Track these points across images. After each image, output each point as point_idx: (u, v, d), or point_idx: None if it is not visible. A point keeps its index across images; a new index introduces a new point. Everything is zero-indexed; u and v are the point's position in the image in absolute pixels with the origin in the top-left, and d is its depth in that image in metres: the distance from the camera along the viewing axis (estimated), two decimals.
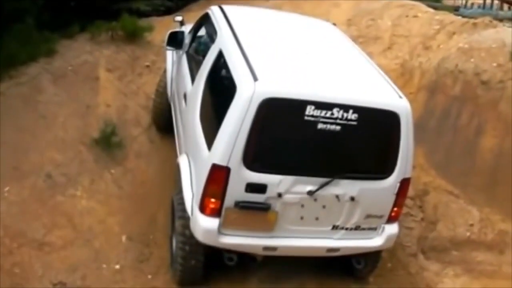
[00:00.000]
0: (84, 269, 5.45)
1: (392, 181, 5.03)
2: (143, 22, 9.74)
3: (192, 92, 5.77)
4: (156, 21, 10.21)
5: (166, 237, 5.87)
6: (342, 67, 5.55)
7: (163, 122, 7.37)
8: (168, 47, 6.90)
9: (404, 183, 5.12)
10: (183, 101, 6.09)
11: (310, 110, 4.60)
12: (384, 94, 5.06)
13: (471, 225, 6.76)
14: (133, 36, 9.19)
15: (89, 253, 5.64)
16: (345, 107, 4.66)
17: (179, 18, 7.34)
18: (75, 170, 6.51)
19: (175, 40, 6.76)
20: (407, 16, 10.32)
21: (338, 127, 4.69)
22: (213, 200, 4.73)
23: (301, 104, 4.60)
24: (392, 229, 5.30)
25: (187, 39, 6.79)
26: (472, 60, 8.02)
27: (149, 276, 5.54)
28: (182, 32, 6.85)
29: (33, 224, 5.73)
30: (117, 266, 5.57)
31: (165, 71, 7.48)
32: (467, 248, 6.54)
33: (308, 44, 5.95)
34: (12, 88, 7.32)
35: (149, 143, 7.38)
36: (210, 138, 4.83)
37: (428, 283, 6.03)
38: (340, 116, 4.66)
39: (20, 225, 5.68)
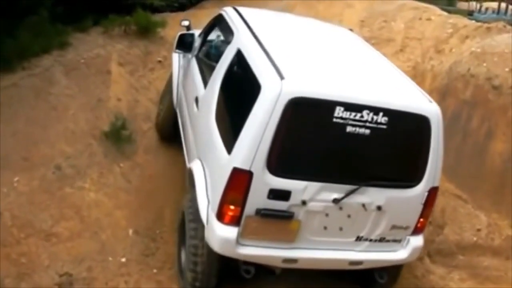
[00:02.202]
0: (90, 261, 5.46)
1: (420, 190, 4.74)
2: (157, 17, 9.80)
3: (205, 95, 5.49)
4: (169, 17, 10.24)
5: (172, 232, 5.87)
6: (368, 70, 5.32)
7: (168, 130, 7.16)
8: (177, 50, 6.69)
9: (432, 192, 4.81)
10: (194, 106, 5.76)
11: (339, 111, 4.31)
12: (414, 98, 4.80)
13: (479, 230, 6.73)
14: (146, 31, 9.23)
15: (95, 245, 5.66)
16: (375, 110, 4.39)
17: (186, 23, 7.02)
18: (84, 162, 6.54)
19: (184, 43, 6.56)
20: (420, 18, 10.29)
21: (367, 131, 4.40)
22: (232, 207, 4.41)
23: (330, 105, 4.31)
24: (417, 241, 4.99)
25: (197, 42, 6.58)
26: (484, 64, 7.97)
27: (155, 270, 5.54)
28: (192, 34, 6.66)
29: (41, 215, 5.76)
30: (123, 259, 5.58)
31: (170, 77, 7.26)
32: (473, 253, 6.52)
33: (329, 47, 5.77)
34: (24, 80, 7.38)
35: (159, 138, 7.38)
36: (229, 141, 4.53)
37: (433, 287, 6.01)
38: (369, 119, 4.39)
39: (28, 216, 5.71)
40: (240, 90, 4.97)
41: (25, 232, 5.55)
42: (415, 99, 4.77)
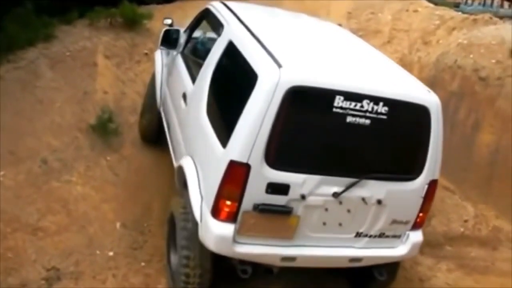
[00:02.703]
0: (77, 255, 5.42)
1: (420, 183, 4.62)
2: (143, 9, 9.73)
3: (194, 90, 5.31)
4: (156, 9, 10.18)
5: (160, 225, 5.85)
6: (363, 61, 5.21)
7: (152, 133, 6.95)
8: (162, 47, 6.49)
9: (432, 185, 4.70)
10: (181, 102, 5.56)
11: (339, 101, 4.16)
12: (413, 88, 4.68)
13: (466, 221, 6.78)
14: (132, 23, 9.17)
15: (83, 239, 5.62)
16: (375, 99, 4.25)
17: (168, 21, 6.70)
18: (70, 156, 6.50)
19: (169, 40, 6.35)
20: (407, 10, 10.33)
21: (367, 121, 4.26)
22: (228, 202, 4.22)
23: (330, 94, 4.16)
24: (417, 236, 4.86)
25: (182, 38, 6.39)
26: (471, 56, 8.01)
27: (143, 264, 5.52)
28: (177, 30, 6.44)
29: (28, 209, 5.71)
30: (111, 253, 5.55)
31: (152, 78, 7.01)
32: (461, 244, 6.56)
33: (322, 39, 5.67)
34: (10, 72, 7.31)
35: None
36: (224, 134, 4.35)
37: (421, 277, 6.03)
38: (370, 109, 4.24)
39: (14, 210, 5.66)
40: (233, 81, 4.85)
41: (11, 227, 5.49)
42: (414, 89, 4.66)
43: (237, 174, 4.18)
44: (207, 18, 6.16)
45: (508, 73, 7.52)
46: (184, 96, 5.53)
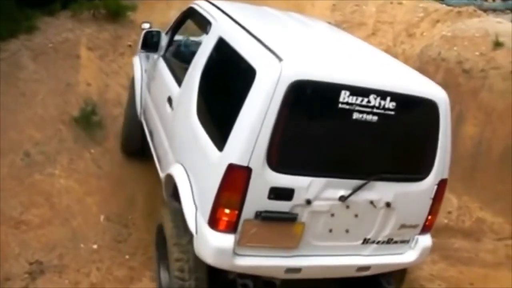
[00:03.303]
0: (61, 248, 5.38)
1: (429, 183, 4.33)
2: (126, 1, 9.63)
3: (182, 93, 4.95)
4: (140, 1, 10.08)
5: (144, 218, 5.85)
6: (364, 56, 4.92)
7: (136, 145, 6.53)
8: (142, 50, 6.13)
9: (442, 185, 4.41)
10: (166, 107, 5.18)
11: (344, 96, 3.85)
12: (419, 82, 4.41)
13: (450, 212, 6.81)
14: (116, 15, 9.10)
15: (66, 232, 5.58)
16: (382, 94, 3.95)
17: (146, 26, 6.30)
18: (54, 148, 6.44)
19: (150, 42, 5.96)
20: (391, 2, 10.35)
21: (375, 118, 3.96)
22: (227, 211, 3.86)
23: (335, 89, 3.85)
24: (426, 241, 4.57)
25: (163, 41, 6.01)
26: (455, 48, 8.06)
27: (127, 257, 5.50)
28: (158, 32, 6.03)
29: (10, 202, 5.65)
30: (95, 246, 5.52)
31: (132, 87, 6.63)
32: (444, 235, 6.58)
33: (318, 35, 5.38)
34: None
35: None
36: (219, 137, 4.02)
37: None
38: (377, 105, 3.95)
39: None
40: (227, 79, 4.55)
41: None
42: (421, 83, 4.41)
43: (236, 179, 3.83)
44: (192, 17, 5.88)
45: (491, 66, 7.58)
46: (170, 100, 5.16)
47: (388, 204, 4.22)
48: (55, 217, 5.71)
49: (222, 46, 4.62)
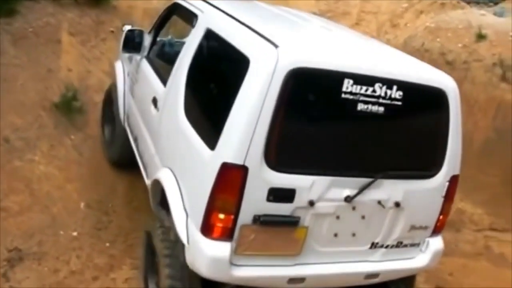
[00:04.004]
0: (40, 235, 5.33)
1: (440, 180, 4.03)
2: None
3: (167, 92, 4.60)
4: None
5: (125, 205, 5.81)
6: (363, 45, 4.62)
7: (125, 154, 5.93)
8: (124, 51, 5.77)
9: (453, 182, 4.10)
10: (151, 108, 4.84)
11: (348, 85, 3.53)
12: (426, 70, 4.12)
13: None
14: (98, 0, 8.97)
15: (46, 219, 5.53)
16: (388, 83, 3.65)
17: (128, 27, 5.90)
18: (34, 134, 6.35)
19: (132, 43, 5.60)
20: None
21: (381, 108, 3.65)
22: (222, 216, 3.50)
23: (337, 78, 3.53)
24: (437, 243, 4.26)
25: (147, 41, 5.67)
26: (438, 39, 8.09)
27: (107, 244, 5.47)
28: (141, 32, 5.68)
29: None
30: (75, 233, 5.48)
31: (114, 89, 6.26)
32: None
33: (312, 25, 5.05)
34: None
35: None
36: (211, 135, 3.66)
37: None
38: (383, 94, 3.64)
39: None
40: (216, 72, 4.27)
41: None
42: (428, 71, 4.12)
43: (231, 179, 3.48)
44: (176, 12, 5.57)
45: (474, 58, 7.63)
46: (155, 100, 4.81)
47: (397, 204, 3.91)
48: (35, 204, 5.65)
49: (210, 38, 4.32)
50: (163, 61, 5.37)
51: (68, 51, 7.74)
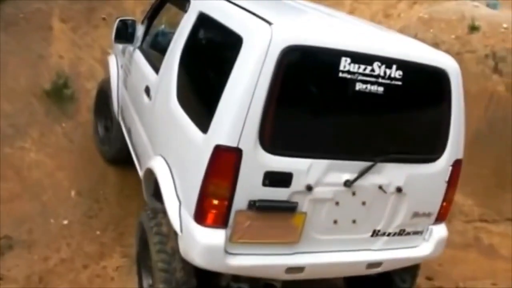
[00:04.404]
0: (30, 223, 5.31)
1: (443, 164, 3.92)
2: None
3: (160, 79, 4.51)
4: None
5: (116, 193, 5.79)
6: (361, 24, 4.50)
7: (122, 149, 5.75)
8: (117, 42, 5.69)
9: (457, 167, 3.99)
10: (144, 97, 4.74)
11: (345, 64, 3.42)
12: (426, 49, 4.03)
13: None
14: None
15: (36, 207, 5.51)
16: (387, 61, 3.54)
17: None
18: (24, 121, 6.31)
19: (125, 33, 5.50)
20: None
21: (380, 88, 3.54)
22: (216, 201, 3.39)
23: (334, 56, 3.43)
24: (441, 231, 4.17)
25: (139, 31, 5.57)
26: (431, 30, 8.08)
27: (98, 232, 5.46)
28: (134, 22, 5.57)
29: None
30: (65, 221, 5.46)
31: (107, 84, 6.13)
32: None
33: (305, 6, 4.85)
34: None
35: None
36: (203, 118, 3.55)
37: None
38: (382, 74, 3.53)
39: None
40: (209, 55, 4.17)
41: None
42: (428, 51, 4.02)
43: (225, 162, 3.36)
44: (167, 1, 5.53)
45: (466, 49, 7.62)
46: (147, 89, 4.72)
47: (399, 189, 3.79)
48: (25, 191, 5.62)
49: (203, 21, 4.23)
50: (156, 51, 5.25)
51: (59, 38, 7.67)
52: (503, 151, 7.19)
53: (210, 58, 4.12)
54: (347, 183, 3.61)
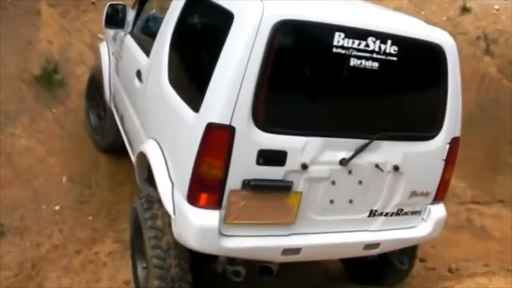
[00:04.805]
0: (22, 210, 5.29)
1: (441, 142, 3.86)
2: None
3: (151, 61, 4.44)
4: None
5: (108, 179, 5.76)
6: (356, 3, 4.33)
7: (115, 137, 5.69)
8: (107, 27, 5.57)
9: (454, 145, 3.93)
10: (135, 81, 4.66)
11: (339, 39, 3.36)
12: (422, 26, 3.94)
13: None
14: None
15: (28, 193, 5.49)
16: (382, 36, 3.48)
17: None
18: (14, 108, 6.25)
19: (115, 18, 5.38)
20: None
21: (375, 64, 3.48)
22: (209, 181, 3.34)
23: (328, 30, 3.36)
24: (439, 211, 4.10)
25: (130, 16, 5.46)
26: (423, 12, 8.07)
27: (90, 218, 5.44)
28: (124, 7, 5.45)
29: None
30: (57, 207, 5.44)
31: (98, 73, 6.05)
32: None
33: None
34: None
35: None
36: (195, 97, 3.48)
37: None
38: (376, 49, 3.47)
39: None
40: (200, 34, 4.13)
41: None
42: (424, 27, 3.94)
43: (217, 141, 3.30)
44: None
45: (458, 31, 7.61)
46: (139, 73, 4.64)
47: (396, 168, 3.73)
48: (16, 178, 5.59)
49: (193, 1, 4.17)
50: (147, 35, 5.14)
51: (48, 22, 7.59)
52: (495, 133, 7.22)
53: (201, 37, 4.06)
54: (343, 162, 3.54)
